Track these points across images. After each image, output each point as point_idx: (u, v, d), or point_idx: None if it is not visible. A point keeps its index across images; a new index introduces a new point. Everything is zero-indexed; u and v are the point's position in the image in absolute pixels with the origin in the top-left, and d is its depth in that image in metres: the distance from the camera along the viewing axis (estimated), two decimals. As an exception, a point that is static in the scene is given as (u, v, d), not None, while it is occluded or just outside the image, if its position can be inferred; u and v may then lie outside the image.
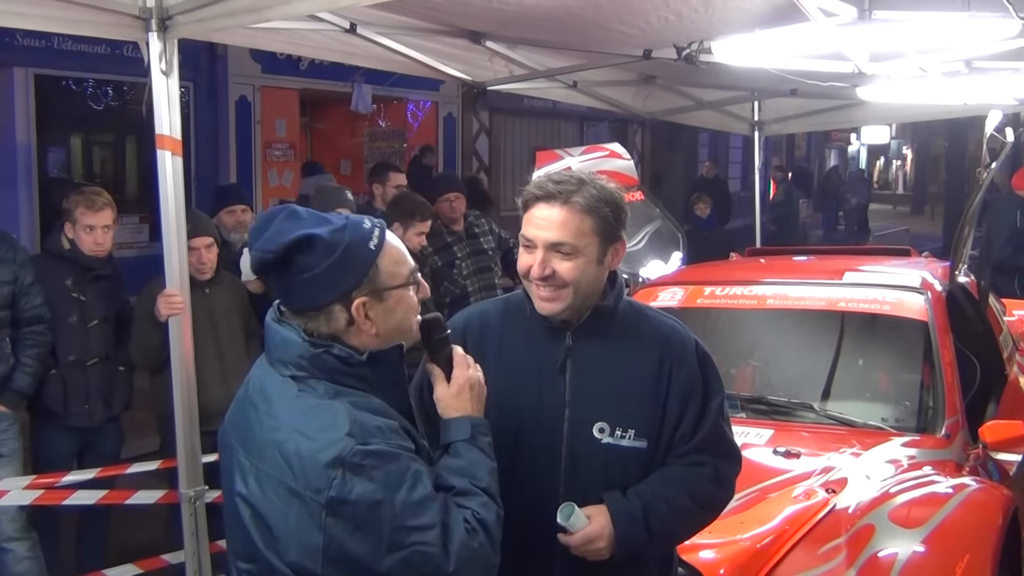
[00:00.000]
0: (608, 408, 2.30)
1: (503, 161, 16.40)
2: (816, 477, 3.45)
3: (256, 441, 1.95)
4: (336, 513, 1.84)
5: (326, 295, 1.96)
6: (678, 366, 2.34)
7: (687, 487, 2.32)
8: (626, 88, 7.26)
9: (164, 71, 3.74)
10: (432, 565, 1.86)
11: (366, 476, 1.84)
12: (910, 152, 41.87)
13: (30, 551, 4.48)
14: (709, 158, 22.31)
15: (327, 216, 2.02)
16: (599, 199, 2.26)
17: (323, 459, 1.84)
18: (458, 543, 1.89)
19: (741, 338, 4.73)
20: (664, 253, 6.01)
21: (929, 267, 5.11)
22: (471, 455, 2.06)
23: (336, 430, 1.86)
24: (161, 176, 3.82)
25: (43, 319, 4.48)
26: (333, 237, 1.95)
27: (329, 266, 1.94)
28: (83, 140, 11.36)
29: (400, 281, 2.04)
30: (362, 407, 1.92)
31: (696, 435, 2.34)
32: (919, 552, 3.00)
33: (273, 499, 1.89)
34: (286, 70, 12.15)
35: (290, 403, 1.94)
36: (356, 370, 1.97)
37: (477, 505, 1.97)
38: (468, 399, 2.13)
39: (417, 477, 1.89)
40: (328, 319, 1.98)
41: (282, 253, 1.94)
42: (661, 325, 2.42)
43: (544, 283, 2.27)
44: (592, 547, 2.22)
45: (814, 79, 5.85)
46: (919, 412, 4.09)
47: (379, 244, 2.01)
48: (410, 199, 5.70)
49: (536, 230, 2.26)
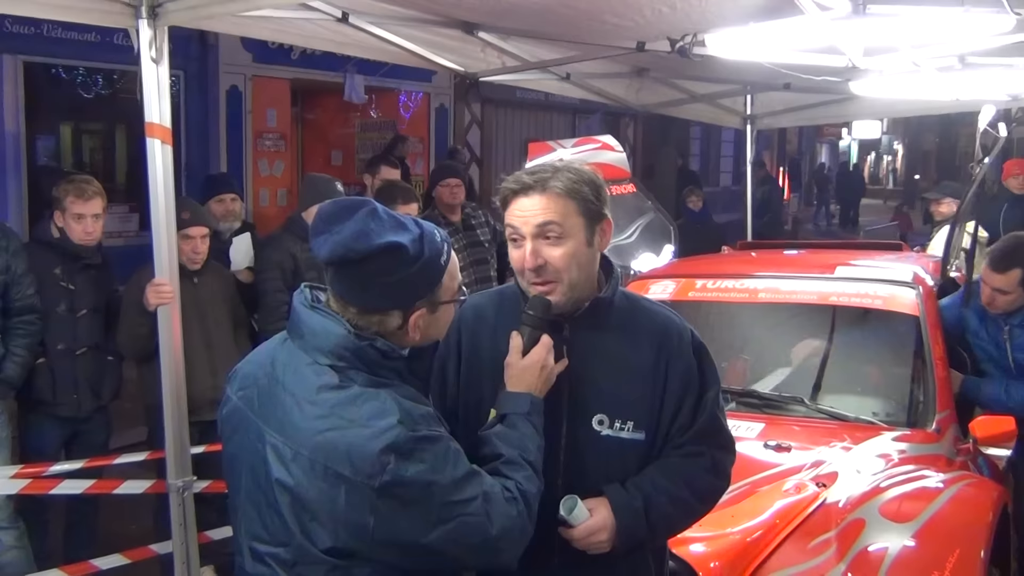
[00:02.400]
0: (607, 400, 2.29)
1: (495, 153, 16.36)
2: (807, 471, 3.45)
3: (297, 428, 1.97)
4: (388, 495, 1.89)
5: (394, 302, 2.03)
6: (675, 357, 2.34)
7: (685, 478, 2.32)
8: (619, 80, 7.24)
9: (154, 59, 3.71)
10: (478, 532, 1.96)
11: (418, 459, 1.91)
12: (901, 147, 41.95)
13: (18, 541, 4.46)
14: (700, 152, 22.41)
15: (402, 219, 2.04)
16: (577, 180, 2.25)
17: (377, 446, 1.89)
18: (499, 510, 1.98)
19: (733, 331, 4.73)
20: (656, 246, 6.01)
21: (921, 262, 5.11)
22: (525, 429, 2.15)
23: (387, 418, 1.92)
24: (151, 165, 3.79)
25: (34, 309, 4.46)
26: (415, 249, 2.00)
27: (407, 277, 2.00)
28: (73, 128, 11.29)
29: (451, 296, 2.12)
30: (405, 396, 1.99)
31: (693, 426, 2.34)
32: (909, 546, 3.01)
33: (321, 485, 1.92)
34: (277, 59, 12.09)
35: (333, 392, 1.97)
36: (394, 364, 2.03)
37: (522, 477, 2.07)
38: (536, 377, 2.20)
39: (459, 455, 1.99)
40: (383, 320, 2.03)
41: (367, 255, 1.96)
42: (657, 316, 2.41)
43: (537, 275, 2.25)
44: (594, 540, 2.22)
45: (807, 73, 5.84)
46: (910, 406, 4.10)
47: (447, 260, 2.08)
48: (393, 185, 5.72)
49: (519, 219, 2.25)
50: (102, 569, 4.33)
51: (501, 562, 2.03)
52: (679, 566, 2.75)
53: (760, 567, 2.91)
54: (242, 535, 2.10)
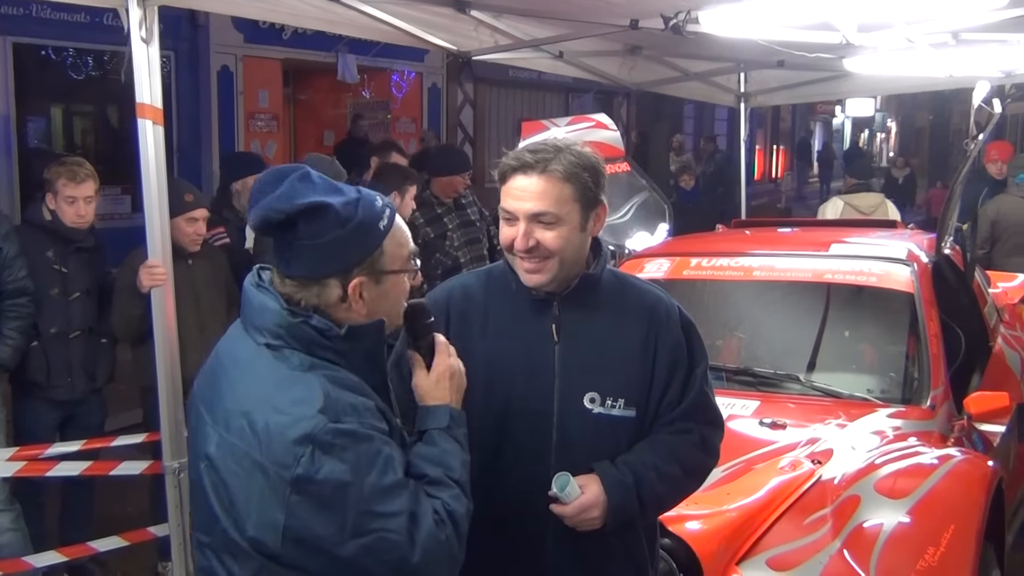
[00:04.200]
0: (598, 378, 2.29)
1: (488, 132, 16.32)
2: (802, 448, 3.46)
3: (224, 408, 1.90)
4: (301, 491, 1.78)
5: (327, 267, 1.91)
6: (664, 334, 2.34)
7: (675, 455, 2.33)
8: (612, 59, 7.20)
9: (144, 39, 3.68)
10: (396, 554, 1.81)
11: (336, 456, 1.79)
12: (894, 125, 41.90)
13: (13, 523, 4.45)
14: (694, 131, 22.35)
15: (340, 186, 1.96)
16: (577, 165, 2.23)
17: (292, 435, 1.78)
18: (425, 534, 1.84)
19: (727, 310, 4.73)
20: (650, 224, 6.00)
21: (915, 239, 5.11)
22: (446, 445, 2.01)
23: (309, 405, 1.81)
24: (142, 146, 3.76)
25: (26, 291, 4.44)
26: (346, 210, 1.90)
27: (336, 238, 1.89)
28: (63, 110, 11.24)
29: (400, 265, 2.00)
30: (338, 382, 1.87)
31: (682, 402, 2.34)
32: (904, 523, 3.02)
33: (237, 470, 1.84)
34: (269, 39, 12.03)
35: (262, 372, 1.89)
36: (334, 343, 1.91)
37: (448, 497, 1.92)
38: (447, 388, 2.08)
39: (388, 462, 1.84)
40: (321, 291, 1.93)
41: (291, 215, 1.88)
42: (646, 294, 2.41)
43: (528, 255, 2.24)
44: (586, 516, 2.22)
45: (801, 50, 5.81)
46: (904, 383, 4.11)
47: (388, 225, 1.96)
48: (396, 167, 5.69)
49: (516, 202, 2.23)
50: (99, 551, 4.34)
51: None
52: (675, 543, 2.76)
53: (756, 544, 2.93)
54: (194, 527, 2.05)
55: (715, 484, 3.23)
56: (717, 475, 3.29)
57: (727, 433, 3.58)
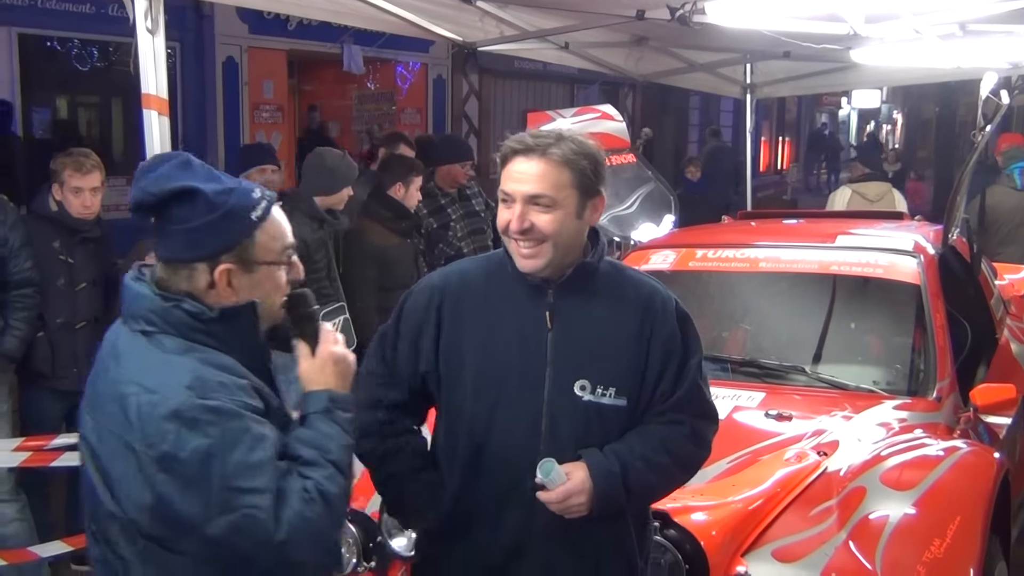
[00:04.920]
0: (589, 366, 2.31)
1: (493, 124, 16.28)
2: (808, 440, 3.46)
3: (99, 395, 1.94)
4: (167, 469, 1.80)
5: (193, 251, 1.96)
6: (659, 326, 2.35)
7: (665, 445, 2.35)
8: (618, 50, 7.19)
9: (150, 29, 3.67)
10: (261, 531, 1.82)
11: (201, 432, 1.80)
12: (900, 116, 41.77)
13: (19, 513, 4.47)
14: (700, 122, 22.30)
15: (219, 175, 2.01)
16: (577, 152, 2.26)
17: (160, 412, 1.81)
18: (292, 512, 1.84)
19: (733, 301, 4.73)
20: (656, 216, 5.98)
21: (922, 230, 5.10)
22: (325, 428, 2.01)
23: (176, 384, 1.84)
24: (148, 136, 3.75)
25: (33, 282, 4.45)
26: (217, 197, 1.95)
27: (204, 224, 1.94)
28: (69, 101, 11.23)
29: (272, 258, 2.03)
30: (209, 363, 1.90)
31: (675, 394, 2.36)
32: (910, 514, 3.01)
33: (112, 454, 1.87)
34: (274, 30, 11.99)
35: (137, 358, 1.92)
36: (207, 327, 1.94)
37: (321, 476, 1.92)
38: (331, 373, 2.09)
39: (257, 440, 1.86)
40: (190, 276, 1.97)
41: (162, 198, 1.94)
42: (642, 285, 2.43)
43: (523, 237, 2.26)
44: (571, 503, 2.23)
45: (808, 41, 5.79)
46: (910, 375, 4.10)
47: (262, 216, 2.00)
48: (401, 158, 5.68)
49: (514, 184, 2.26)
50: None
51: (292, 566, 1.92)
52: (681, 535, 2.76)
53: (761, 535, 2.92)
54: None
55: (721, 475, 3.24)
56: (723, 466, 3.30)
57: (733, 424, 3.64)
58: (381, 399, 2.45)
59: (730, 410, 3.72)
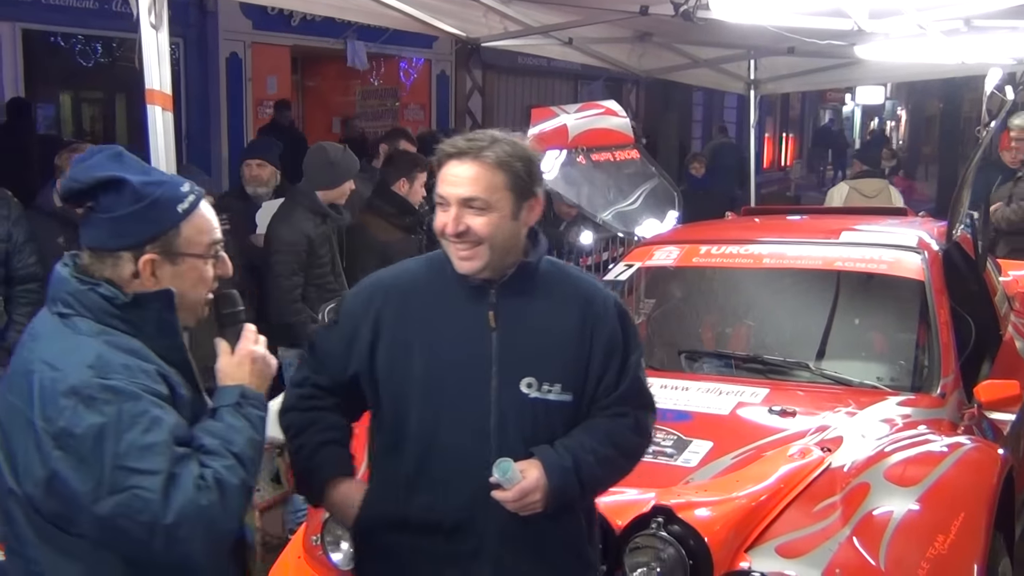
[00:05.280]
0: (535, 363, 2.34)
1: (496, 120, 16.27)
2: (811, 436, 3.45)
3: (13, 373, 1.96)
4: (63, 446, 1.83)
5: (117, 240, 2.00)
6: (600, 323, 2.40)
7: (611, 438, 2.40)
8: (622, 45, 7.18)
9: (154, 24, 3.67)
10: (149, 513, 1.82)
11: (97, 410, 1.83)
12: (904, 113, 41.69)
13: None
14: (703, 119, 22.27)
15: (149, 169, 2.09)
16: (511, 154, 2.29)
17: (59, 389, 1.84)
18: (183, 496, 1.84)
19: (737, 297, 4.72)
20: (660, 212, 5.98)
21: (926, 227, 5.09)
22: (233, 421, 2.02)
23: (78, 363, 1.87)
24: (152, 132, 3.76)
25: (37, 277, 4.45)
26: (144, 188, 1.99)
27: (129, 213, 1.98)
28: (72, 97, 11.25)
29: (198, 250, 2.07)
30: (117, 345, 1.93)
31: (618, 388, 2.41)
32: (914, 510, 3.01)
33: (15, 431, 1.90)
34: (277, 26, 12.01)
35: (49, 338, 1.95)
36: (121, 311, 1.97)
37: (222, 466, 1.92)
38: (247, 371, 2.12)
39: (155, 422, 1.86)
40: (115, 264, 2.01)
41: (89, 186, 1.99)
42: (582, 283, 2.49)
43: (459, 240, 2.29)
44: (527, 500, 2.26)
45: (812, 37, 5.79)
46: (914, 371, 4.10)
47: (188, 209, 2.04)
48: (406, 154, 5.68)
49: (449, 187, 2.29)
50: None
51: (181, 553, 1.88)
52: (684, 531, 2.76)
53: (765, 531, 2.92)
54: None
55: (725, 471, 3.24)
56: (727, 462, 3.30)
57: (737, 420, 3.64)
58: (308, 378, 2.51)
59: (734, 406, 3.73)
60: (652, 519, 2.76)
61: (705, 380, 4.00)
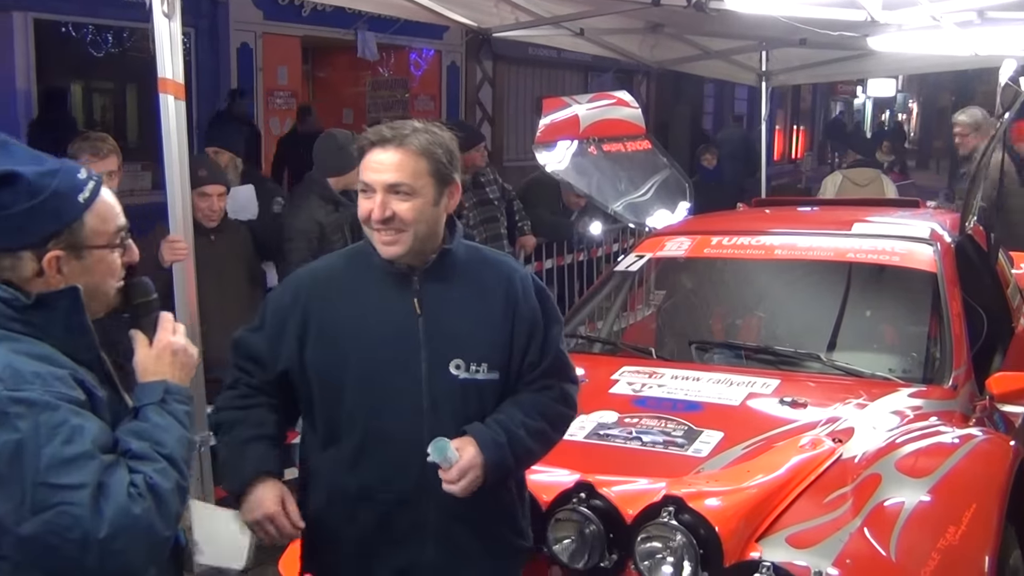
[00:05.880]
0: (461, 345, 2.43)
1: (507, 111, 16.26)
2: (823, 427, 3.45)
3: None
4: None
5: (16, 239, 1.83)
6: (521, 301, 2.49)
7: (539, 410, 2.49)
8: (633, 36, 7.18)
9: (166, 13, 3.69)
10: (79, 529, 1.68)
11: (10, 425, 1.68)
12: (916, 106, 41.52)
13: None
14: (715, 110, 22.21)
15: (41, 157, 1.89)
16: (433, 142, 2.37)
17: None
18: (115, 507, 1.71)
19: (748, 288, 4.72)
20: (671, 203, 5.96)
21: (938, 218, 5.07)
22: (159, 419, 1.91)
23: None
24: (164, 120, 3.78)
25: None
26: (39, 180, 1.82)
27: (27, 209, 1.81)
28: (84, 86, 11.27)
29: (104, 241, 1.94)
30: (24, 352, 1.77)
31: (542, 363, 2.50)
32: (925, 501, 3.00)
33: None
34: (288, 16, 12.00)
35: None
36: (23, 314, 1.81)
37: (152, 470, 1.80)
38: (168, 364, 2.01)
39: (76, 431, 1.72)
40: (14, 264, 1.84)
41: None
42: (501, 265, 2.58)
43: (385, 226, 2.36)
44: (470, 478, 2.32)
45: (825, 28, 5.77)
46: (926, 363, 4.09)
47: (90, 198, 1.89)
48: None
49: (374, 174, 2.36)
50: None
51: (118, 566, 1.74)
52: (695, 520, 2.76)
53: (776, 521, 2.91)
54: None
55: (736, 461, 3.24)
56: (738, 453, 3.30)
57: (747, 411, 3.64)
58: (239, 379, 2.54)
59: (745, 397, 3.72)
60: (663, 508, 2.76)
61: (716, 371, 4.00)
